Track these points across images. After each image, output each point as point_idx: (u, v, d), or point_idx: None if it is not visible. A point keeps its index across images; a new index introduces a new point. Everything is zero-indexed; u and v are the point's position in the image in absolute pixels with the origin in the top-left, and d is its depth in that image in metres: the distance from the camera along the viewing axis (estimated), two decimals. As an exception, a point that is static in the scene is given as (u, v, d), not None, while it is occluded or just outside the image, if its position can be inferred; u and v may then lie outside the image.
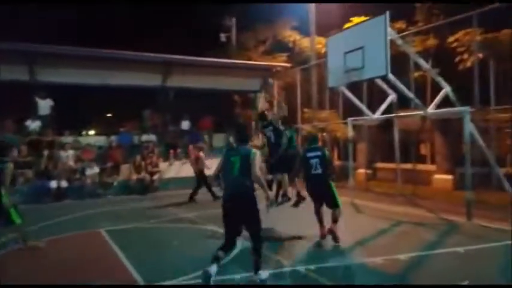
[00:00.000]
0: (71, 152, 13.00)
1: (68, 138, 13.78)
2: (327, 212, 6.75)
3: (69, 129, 14.43)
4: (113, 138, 14.59)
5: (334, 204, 6.64)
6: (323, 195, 6.72)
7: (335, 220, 6.62)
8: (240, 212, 4.78)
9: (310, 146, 6.98)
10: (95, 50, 13.63)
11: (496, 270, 5.19)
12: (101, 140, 14.92)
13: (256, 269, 4.81)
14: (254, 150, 4.97)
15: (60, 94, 14.26)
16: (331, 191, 6.67)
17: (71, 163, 12.86)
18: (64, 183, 12.22)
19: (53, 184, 12.04)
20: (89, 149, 13.87)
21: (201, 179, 11.68)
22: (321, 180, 6.66)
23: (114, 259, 5.99)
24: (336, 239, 6.51)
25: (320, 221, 6.79)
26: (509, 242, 6.20)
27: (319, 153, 6.73)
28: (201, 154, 12.03)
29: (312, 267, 5.31)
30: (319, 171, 6.62)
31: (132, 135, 15.10)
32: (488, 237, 6.61)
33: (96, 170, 12.92)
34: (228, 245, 4.84)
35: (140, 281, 5.01)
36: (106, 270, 5.56)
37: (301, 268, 5.29)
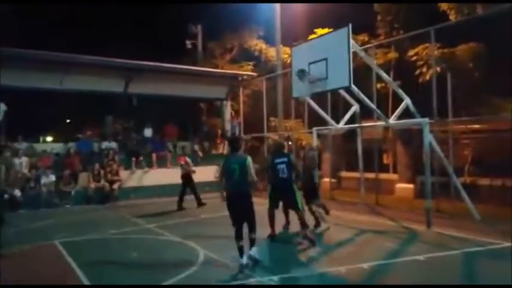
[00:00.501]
0: (24, 159, 12.34)
1: (22, 145, 13.09)
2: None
3: (24, 135, 13.72)
4: (71, 145, 14.01)
5: (296, 207, 7.13)
6: (286, 197, 7.29)
7: (303, 225, 7.03)
8: (239, 206, 5.90)
9: (277, 152, 7.53)
10: (53, 54, 13.10)
11: (455, 277, 5.30)
12: (58, 147, 14.28)
13: (252, 245, 5.90)
14: (247, 156, 6.04)
15: (15, 98, 13.55)
16: (294, 194, 7.13)
17: (25, 171, 12.21)
18: (17, 192, 11.56)
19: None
20: (45, 156, 13.24)
21: (187, 184, 11.54)
22: (286, 184, 7.13)
23: (68, 274, 5.64)
24: (312, 242, 6.84)
25: (272, 223, 7.37)
26: (467, 250, 6.38)
27: (285, 159, 7.23)
28: (187, 159, 11.97)
29: (275, 278, 5.22)
30: (286, 175, 7.10)
31: (92, 142, 14.55)
32: (447, 245, 6.76)
33: (52, 178, 12.30)
34: (239, 232, 5.90)
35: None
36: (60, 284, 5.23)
37: (265, 279, 5.19)
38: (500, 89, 10.28)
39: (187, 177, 11.59)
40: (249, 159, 5.96)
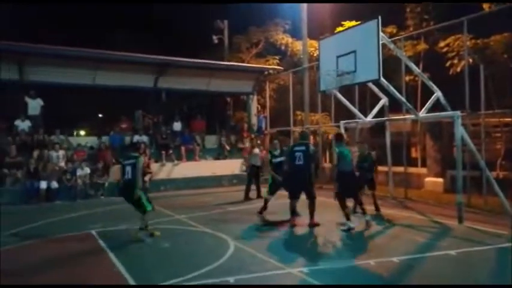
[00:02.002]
0: (61, 152, 12.85)
1: (58, 138, 13.61)
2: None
3: (60, 129, 14.26)
4: (104, 138, 14.47)
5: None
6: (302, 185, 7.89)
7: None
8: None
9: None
10: (85, 50, 13.55)
11: (488, 273, 5.24)
12: (92, 141, 14.78)
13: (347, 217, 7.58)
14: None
15: (51, 94, 14.12)
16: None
17: (62, 163, 12.71)
18: (54, 184, 12.08)
19: (43, 185, 11.88)
20: (80, 149, 13.75)
21: (252, 175, 11.79)
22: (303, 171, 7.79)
23: (105, 260, 5.94)
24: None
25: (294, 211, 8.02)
26: (500, 245, 6.27)
27: (303, 148, 7.84)
28: (256, 150, 12.19)
29: (305, 269, 5.31)
30: (302, 162, 7.72)
31: (124, 136, 14.99)
32: (480, 240, 6.65)
33: (87, 170, 12.77)
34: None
35: (132, 283, 4.97)
36: (97, 272, 5.51)
37: (294, 270, 5.29)
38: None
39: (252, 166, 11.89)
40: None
